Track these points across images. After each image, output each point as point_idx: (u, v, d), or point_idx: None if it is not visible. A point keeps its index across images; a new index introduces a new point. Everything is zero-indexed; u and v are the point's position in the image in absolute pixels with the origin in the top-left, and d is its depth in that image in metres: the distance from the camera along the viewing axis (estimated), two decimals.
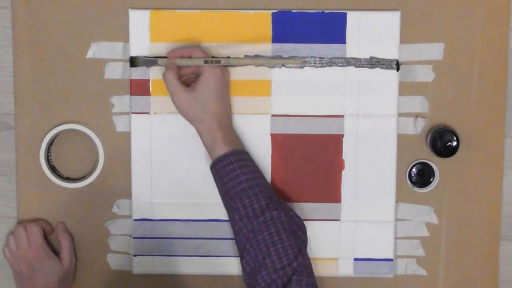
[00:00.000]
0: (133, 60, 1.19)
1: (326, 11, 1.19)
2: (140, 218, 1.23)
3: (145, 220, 1.23)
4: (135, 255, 1.23)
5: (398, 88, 1.20)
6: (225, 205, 1.15)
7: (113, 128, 1.22)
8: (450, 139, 1.20)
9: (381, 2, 1.20)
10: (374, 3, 1.20)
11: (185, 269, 1.24)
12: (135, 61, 1.19)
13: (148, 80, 1.20)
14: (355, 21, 1.19)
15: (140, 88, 1.20)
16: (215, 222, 1.22)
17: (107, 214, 1.24)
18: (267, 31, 1.19)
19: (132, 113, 1.21)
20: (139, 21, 1.19)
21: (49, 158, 1.23)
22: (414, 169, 1.22)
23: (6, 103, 1.23)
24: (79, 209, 1.24)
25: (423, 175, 1.22)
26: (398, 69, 1.19)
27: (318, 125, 1.21)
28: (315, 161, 1.21)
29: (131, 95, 1.20)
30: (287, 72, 1.20)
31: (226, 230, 1.22)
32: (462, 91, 1.21)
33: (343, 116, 1.21)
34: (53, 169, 1.23)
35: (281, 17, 1.19)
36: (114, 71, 1.21)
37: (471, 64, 1.21)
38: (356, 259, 1.23)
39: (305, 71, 1.20)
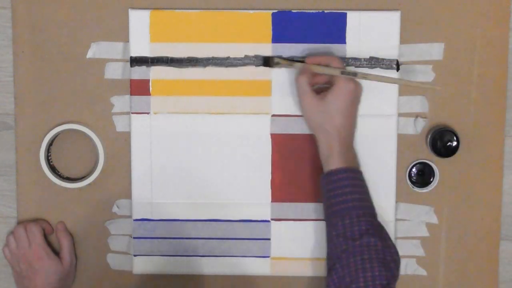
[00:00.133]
0: (267, 60, 1.18)
1: (326, 11, 1.19)
2: (140, 218, 1.23)
3: (145, 220, 1.23)
4: (135, 255, 1.23)
5: (398, 88, 1.20)
6: (326, 217, 1.14)
7: (113, 128, 1.22)
8: (450, 139, 1.20)
9: (381, 2, 1.20)
10: (374, 3, 1.20)
11: (185, 269, 1.23)
12: (270, 61, 1.18)
13: (148, 80, 1.20)
14: (355, 21, 1.19)
15: (140, 88, 1.20)
16: (215, 222, 1.22)
17: (107, 214, 1.24)
18: (267, 31, 1.19)
19: (132, 113, 1.21)
20: (139, 21, 1.19)
21: (49, 158, 1.23)
22: (414, 169, 1.22)
23: (6, 103, 1.23)
24: (79, 209, 1.24)
25: (423, 175, 1.22)
26: (398, 69, 1.19)
27: None
28: (315, 161, 1.20)
29: (131, 95, 1.20)
30: (287, 72, 1.20)
31: (226, 230, 1.22)
32: (462, 91, 1.21)
33: None
34: (53, 169, 1.23)
35: (281, 17, 1.19)
36: (114, 71, 1.21)
37: (471, 64, 1.21)
38: None
39: None
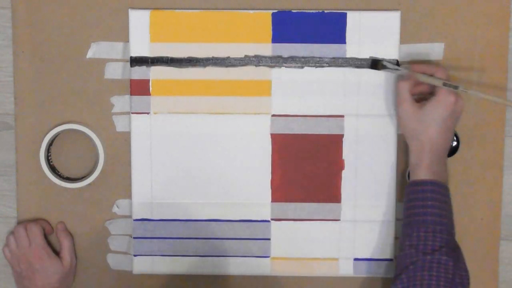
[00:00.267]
0: (375, 62, 1.18)
1: (326, 11, 1.19)
2: (140, 218, 1.23)
3: (145, 220, 1.23)
4: (135, 255, 1.23)
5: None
6: (403, 225, 1.14)
7: (113, 128, 1.22)
8: None
9: (381, 2, 1.20)
10: (374, 3, 1.20)
11: (185, 269, 1.24)
12: (378, 64, 1.17)
13: (148, 80, 1.20)
14: (355, 21, 1.19)
15: (140, 88, 1.20)
16: (215, 222, 1.22)
17: (107, 214, 1.24)
18: (267, 31, 1.19)
19: (132, 113, 1.21)
20: (139, 21, 1.19)
21: (49, 158, 1.23)
22: None
23: (6, 103, 1.23)
24: (79, 209, 1.24)
25: None
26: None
27: (318, 125, 1.21)
28: (315, 161, 1.21)
29: (131, 95, 1.20)
30: (287, 72, 1.20)
31: (226, 230, 1.22)
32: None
33: (343, 116, 1.20)
34: (53, 169, 1.23)
35: (281, 17, 1.19)
36: (114, 71, 1.21)
37: (471, 64, 1.21)
38: (356, 259, 1.23)
39: (305, 71, 1.20)
